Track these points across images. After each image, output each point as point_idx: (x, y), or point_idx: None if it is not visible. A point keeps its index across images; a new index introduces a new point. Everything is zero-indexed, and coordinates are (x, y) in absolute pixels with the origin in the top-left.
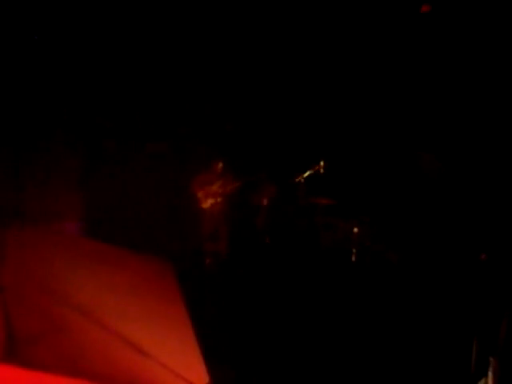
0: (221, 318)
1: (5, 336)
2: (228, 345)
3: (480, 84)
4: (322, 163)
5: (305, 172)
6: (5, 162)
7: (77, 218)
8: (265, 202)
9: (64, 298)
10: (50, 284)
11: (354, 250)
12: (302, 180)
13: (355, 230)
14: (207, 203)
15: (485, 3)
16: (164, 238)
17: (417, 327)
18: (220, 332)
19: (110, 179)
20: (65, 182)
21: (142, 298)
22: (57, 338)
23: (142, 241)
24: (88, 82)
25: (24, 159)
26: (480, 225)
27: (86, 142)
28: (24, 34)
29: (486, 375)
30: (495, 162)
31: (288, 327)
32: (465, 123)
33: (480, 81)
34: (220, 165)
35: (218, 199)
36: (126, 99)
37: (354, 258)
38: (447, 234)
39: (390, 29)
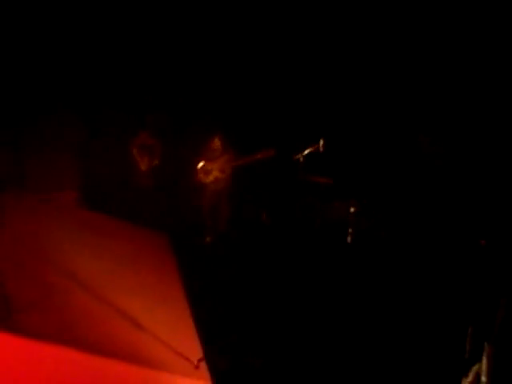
0: (216, 293)
1: (1, 305)
2: (223, 320)
3: (479, 66)
4: (321, 142)
5: (304, 150)
6: (4, 133)
7: (75, 189)
8: (263, 179)
9: (60, 267)
10: (46, 252)
11: (349, 230)
12: (302, 158)
13: (352, 209)
14: (206, 179)
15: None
16: (162, 211)
17: (412, 312)
18: (215, 307)
19: (109, 151)
20: (64, 152)
21: (138, 270)
22: (51, 307)
23: (139, 213)
24: (86, 54)
25: (23, 130)
26: (479, 210)
27: (85, 113)
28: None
29: (479, 361)
30: (495, 146)
31: (282, 304)
32: (464, 106)
33: (479, 63)
34: (220, 140)
35: (218, 175)
36: (125, 69)
37: (349, 239)
38: (446, 218)
39: (386, 15)
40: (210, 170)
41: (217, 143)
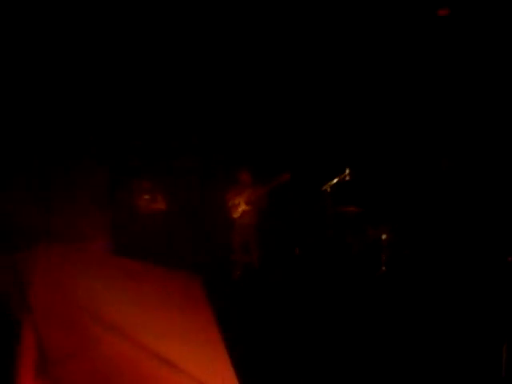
0: (251, 330)
1: (37, 356)
2: (260, 358)
3: (493, 87)
4: (347, 171)
5: (331, 180)
6: (31, 182)
7: (104, 236)
8: (293, 211)
9: (94, 316)
10: (79, 302)
11: (383, 257)
12: (329, 189)
13: (384, 236)
14: (234, 214)
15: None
16: (192, 251)
17: (446, 331)
18: (251, 345)
19: (137, 195)
20: (91, 200)
21: (173, 314)
22: (88, 356)
23: (170, 255)
24: (111, 102)
25: (50, 179)
26: (506, 227)
27: (112, 160)
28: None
29: None
30: None
31: (318, 339)
32: (482, 125)
33: (493, 84)
34: (244, 173)
35: (245, 209)
36: (148, 116)
37: (384, 265)
38: (475, 237)
39: (407, 37)
40: (237, 203)
41: (241, 176)
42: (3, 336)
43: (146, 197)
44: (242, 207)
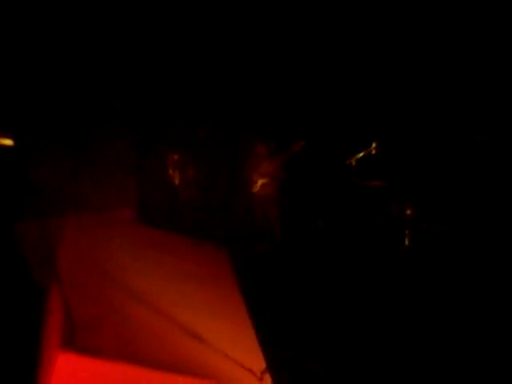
0: (276, 303)
1: (65, 324)
2: (285, 330)
3: None
4: (374, 145)
5: (357, 154)
6: (59, 152)
7: (132, 206)
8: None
9: (121, 285)
10: (107, 271)
11: (407, 233)
12: (354, 162)
13: (408, 211)
14: (253, 187)
15: None
16: (217, 223)
17: (471, 318)
18: (276, 317)
19: (163, 165)
20: (119, 169)
21: (199, 285)
22: (115, 325)
23: (195, 226)
24: (138, 69)
25: (78, 148)
26: None
27: (139, 128)
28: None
29: None
30: None
31: (341, 310)
32: None
33: None
34: (260, 146)
35: (264, 181)
36: (174, 83)
37: (407, 241)
38: (502, 217)
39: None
40: (255, 176)
41: (257, 148)
42: (30, 301)
43: (173, 167)
44: (261, 180)
